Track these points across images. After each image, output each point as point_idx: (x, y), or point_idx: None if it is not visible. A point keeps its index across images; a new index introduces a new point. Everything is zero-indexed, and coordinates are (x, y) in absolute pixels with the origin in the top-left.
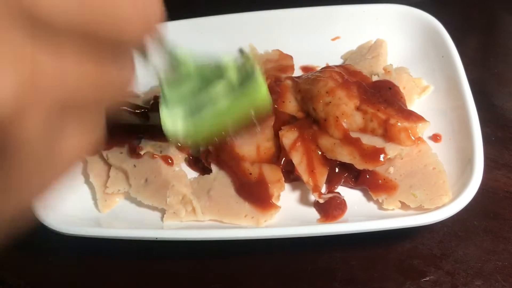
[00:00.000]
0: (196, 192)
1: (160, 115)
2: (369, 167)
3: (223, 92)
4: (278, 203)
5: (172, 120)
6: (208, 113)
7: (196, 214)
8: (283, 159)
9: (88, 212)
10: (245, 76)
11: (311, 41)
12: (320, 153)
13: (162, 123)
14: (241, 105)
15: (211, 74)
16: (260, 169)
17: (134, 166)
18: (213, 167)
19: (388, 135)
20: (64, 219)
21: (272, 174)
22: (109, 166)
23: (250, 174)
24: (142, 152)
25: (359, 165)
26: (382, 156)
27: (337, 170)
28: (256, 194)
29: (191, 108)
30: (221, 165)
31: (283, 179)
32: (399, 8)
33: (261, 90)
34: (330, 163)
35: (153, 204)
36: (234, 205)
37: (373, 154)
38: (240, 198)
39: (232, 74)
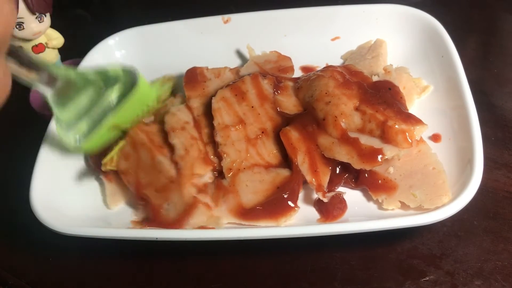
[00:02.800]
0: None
1: (57, 133)
2: (367, 167)
3: (114, 99)
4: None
5: (70, 137)
6: (104, 122)
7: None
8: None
9: (88, 212)
10: (129, 82)
11: (311, 41)
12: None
13: (62, 141)
14: (133, 106)
15: (96, 84)
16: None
17: None
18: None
19: (385, 136)
20: (64, 219)
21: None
22: None
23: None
24: None
25: (357, 164)
26: (379, 156)
27: (338, 170)
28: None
29: (87, 121)
30: None
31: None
32: (399, 8)
33: (147, 89)
34: (332, 163)
35: None
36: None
37: (371, 154)
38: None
39: (119, 80)
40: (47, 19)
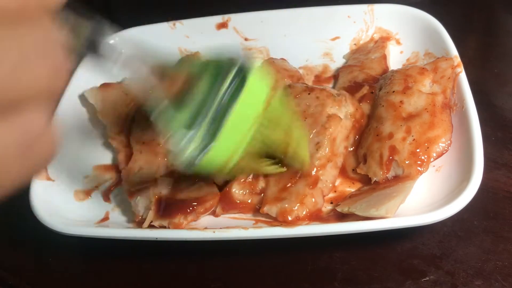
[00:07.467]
0: None
1: (170, 147)
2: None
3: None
4: None
5: (187, 150)
6: (223, 129)
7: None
8: None
9: (88, 212)
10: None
11: (311, 41)
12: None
13: (174, 156)
14: (250, 107)
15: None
16: None
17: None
18: None
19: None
20: (64, 219)
21: None
22: None
23: None
24: None
25: None
26: None
27: None
28: None
29: (202, 128)
30: None
31: None
32: (399, 8)
33: (261, 84)
34: None
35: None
36: None
37: None
38: None
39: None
40: None
